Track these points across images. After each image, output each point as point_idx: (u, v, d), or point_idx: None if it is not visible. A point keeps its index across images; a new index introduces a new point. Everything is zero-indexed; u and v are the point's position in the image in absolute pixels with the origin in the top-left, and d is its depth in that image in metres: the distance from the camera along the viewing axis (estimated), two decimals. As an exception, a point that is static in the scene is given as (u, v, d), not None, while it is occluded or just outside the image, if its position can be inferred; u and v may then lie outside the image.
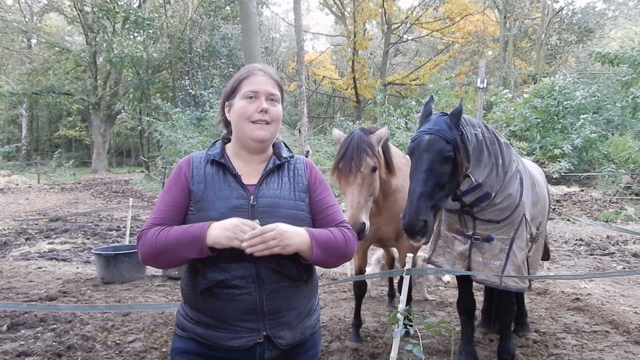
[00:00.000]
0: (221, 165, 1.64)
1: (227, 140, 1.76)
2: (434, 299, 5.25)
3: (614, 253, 7.64)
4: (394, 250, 4.93)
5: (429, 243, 3.51)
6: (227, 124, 1.73)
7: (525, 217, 3.05)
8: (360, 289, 4.00)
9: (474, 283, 3.48)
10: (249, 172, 1.66)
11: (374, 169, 3.08)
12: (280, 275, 1.56)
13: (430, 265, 3.78)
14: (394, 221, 3.56)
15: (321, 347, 3.63)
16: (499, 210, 2.99)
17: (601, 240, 8.66)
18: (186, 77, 26.70)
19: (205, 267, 1.53)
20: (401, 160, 3.67)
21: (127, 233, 7.34)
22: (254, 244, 1.43)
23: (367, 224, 2.98)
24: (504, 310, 3.40)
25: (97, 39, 29.02)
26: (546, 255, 4.20)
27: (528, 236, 3.10)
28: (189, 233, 1.48)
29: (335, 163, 3.16)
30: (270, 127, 1.64)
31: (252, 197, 1.59)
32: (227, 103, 1.70)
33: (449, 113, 2.82)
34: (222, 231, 1.44)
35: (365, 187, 3.03)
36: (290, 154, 1.75)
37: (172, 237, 1.50)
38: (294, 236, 1.49)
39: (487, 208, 2.98)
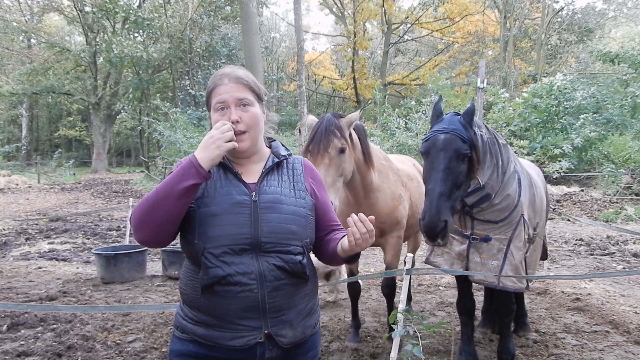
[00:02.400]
0: (221, 164, 1.64)
1: None
2: (433, 297, 5.25)
3: (614, 253, 7.64)
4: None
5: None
6: None
7: (524, 218, 3.06)
8: (354, 289, 4.02)
9: (473, 283, 3.48)
10: (248, 171, 1.66)
11: (341, 151, 3.16)
12: (283, 272, 1.56)
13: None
14: (375, 221, 3.57)
15: (321, 347, 3.63)
16: (497, 211, 2.99)
17: (601, 240, 8.66)
18: (186, 77, 26.68)
19: (208, 262, 1.52)
20: (381, 162, 3.70)
21: (127, 233, 7.34)
22: (358, 228, 1.50)
23: (336, 203, 3.03)
24: (504, 310, 3.40)
25: (97, 39, 29.07)
26: (544, 255, 4.20)
27: (526, 236, 3.10)
28: (178, 171, 1.47)
29: (305, 146, 3.26)
30: (248, 134, 1.62)
31: (254, 193, 1.59)
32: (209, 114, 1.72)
33: (461, 113, 2.81)
34: (206, 149, 1.46)
35: (333, 167, 3.10)
36: (289, 153, 1.76)
37: (163, 184, 1.47)
38: None
39: (487, 209, 2.98)
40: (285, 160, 1.72)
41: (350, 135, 3.27)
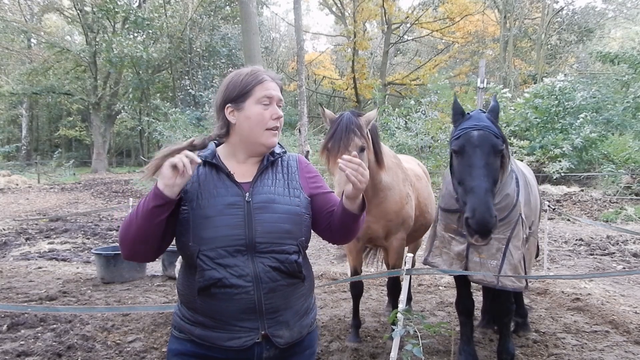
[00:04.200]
0: (214, 165, 1.65)
1: (217, 142, 1.74)
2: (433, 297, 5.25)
3: (614, 253, 7.64)
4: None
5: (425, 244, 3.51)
6: (226, 125, 1.70)
7: (522, 217, 3.08)
8: (356, 289, 4.00)
9: (472, 283, 3.48)
10: (243, 171, 1.66)
11: (362, 149, 3.15)
12: (279, 273, 1.57)
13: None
14: (382, 219, 3.58)
15: (318, 346, 3.63)
16: (497, 211, 2.99)
17: (601, 240, 8.66)
18: (186, 77, 26.71)
19: (204, 264, 1.52)
20: (392, 159, 3.69)
21: (127, 233, 7.33)
22: (347, 165, 1.55)
23: None
24: (503, 311, 3.39)
25: (97, 39, 29.00)
26: (535, 253, 4.19)
27: (524, 236, 3.11)
28: (146, 196, 1.49)
29: (324, 142, 3.23)
30: (279, 132, 1.69)
31: (247, 194, 1.59)
32: (230, 105, 1.67)
33: (486, 111, 2.81)
34: (162, 177, 1.44)
35: None
36: (283, 150, 1.77)
37: (136, 210, 1.50)
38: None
39: None
40: (280, 159, 1.73)
41: (367, 134, 3.26)
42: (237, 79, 1.68)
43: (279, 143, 1.78)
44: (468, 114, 2.83)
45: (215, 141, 1.74)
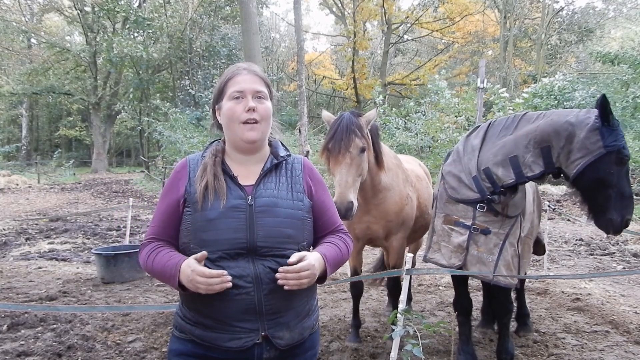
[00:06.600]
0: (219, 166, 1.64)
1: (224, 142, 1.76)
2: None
3: (614, 253, 7.65)
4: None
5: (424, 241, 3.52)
6: (220, 126, 1.73)
7: (521, 217, 3.11)
8: (356, 289, 4.00)
9: (469, 281, 3.49)
10: (246, 173, 1.65)
11: (362, 150, 3.14)
12: None
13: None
14: (382, 219, 3.58)
15: (320, 347, 3.63)
16: (514, 206, 3.05)
17: (601, 240, 8.66)
18: (186, 77, 26.67)
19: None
20: (392, 160, 3.69)
21: (127, 233, 7.34)
22: (287, 278, 1.50)
23: (355, 203, 3.01)
24: (502, 311, 3.40)
25: (97, 39, 29.00)
26: (541, 250, 4.18)
27: (522, 234, 3.13)
28: (167, 269, 1.54)
29: (324, 143, 3.22)
30: (260, 125, 1.63)
31: (249, 197, 1.59)
32: (216, 106, 1.70)
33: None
34: (186, 281, 1.50)
35: (353, 167, 3.08)
36: (288, 153, 1.75)
37: (157, 268, 1.58)
38: (317, 266, 1.56)
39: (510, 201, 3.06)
40: (284, 161, 1.71)
41: (367, 134, 3.26)
42: (219, 79, 1.72)
43: (283, 145, 1.77)
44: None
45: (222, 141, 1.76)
